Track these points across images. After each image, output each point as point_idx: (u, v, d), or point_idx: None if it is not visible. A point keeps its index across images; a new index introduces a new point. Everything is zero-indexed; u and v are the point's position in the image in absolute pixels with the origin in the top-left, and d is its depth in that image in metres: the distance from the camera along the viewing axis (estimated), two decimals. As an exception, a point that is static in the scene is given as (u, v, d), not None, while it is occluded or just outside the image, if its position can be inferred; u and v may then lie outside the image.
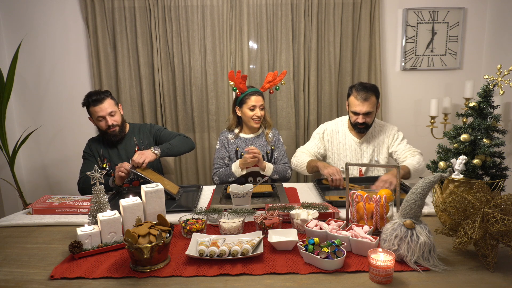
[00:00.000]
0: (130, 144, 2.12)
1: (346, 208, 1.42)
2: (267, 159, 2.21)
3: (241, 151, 2.19)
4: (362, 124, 2.03)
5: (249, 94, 2.13)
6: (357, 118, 2.03)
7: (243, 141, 2.21)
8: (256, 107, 2.13)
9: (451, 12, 2.94)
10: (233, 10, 2.85)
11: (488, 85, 1.37)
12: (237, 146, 2.20)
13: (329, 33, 2.89)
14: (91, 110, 1.99)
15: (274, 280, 1.08)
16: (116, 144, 2.09)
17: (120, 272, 1.14)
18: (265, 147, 2.21)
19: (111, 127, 2.00)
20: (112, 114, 2.00)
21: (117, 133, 2.04)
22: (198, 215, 1.48)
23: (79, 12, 2.85)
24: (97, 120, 2.01)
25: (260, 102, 2.14)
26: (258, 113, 2.14)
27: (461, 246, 1.12)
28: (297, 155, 2.20)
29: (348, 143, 2.14)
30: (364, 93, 1.97)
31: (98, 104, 1.97)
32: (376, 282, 1.05)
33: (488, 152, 1.34)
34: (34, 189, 3.10)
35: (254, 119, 2.14)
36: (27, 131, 2.88)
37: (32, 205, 1.66)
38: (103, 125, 2.01)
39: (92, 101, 1.97)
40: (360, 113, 2.00)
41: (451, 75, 3.06)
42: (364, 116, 2.01)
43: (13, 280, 1.11)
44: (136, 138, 2.14)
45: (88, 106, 2.00)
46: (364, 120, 2.01)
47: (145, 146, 2.13)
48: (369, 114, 2.01)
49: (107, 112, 1.98)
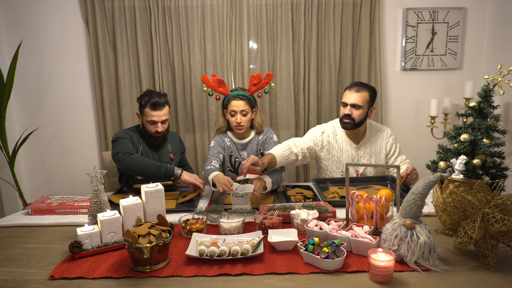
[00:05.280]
0: (166, 150, 2.12)
1: (346, 208, 1.42)
2: None
3: (235, 156, 2.07)
4: (347, 117, 1.95)
5: (230, 98, 1.97)
6: (344, 109, 1.97)
7: (236, 145, 2.09)
8: (236, 112, 1.95)
9: (451, 12, 2.94)
10: (233, 10, 2.85)
11: (488, 85, 1.37)
12: (231, 151, 2.08)
13: (329, 33, 2.89)
14: (146, 111, 1.93)
15: (274, 280, 1.08)
16: (157, 148, 2.07)
17: (120, 272, 1.14)
18: (256, 152, 2.09)
19: (158, 133, 1.98)
20: (164, 122, 1.97)
21: (160, 139, 2.03)
22: (198, 215, 1.48)
23: (79, 12, 2.85)
24: (148, 122, 1.96)
25: (242, 107, 1.94)
26: (238, 119, 1.95)
27: (461, 246, 1.12)
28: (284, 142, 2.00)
29: (345, 147, 2.08)
30: (358, 86, 1.96)
31: (157, 109, 1.92)
32: (376, 282, 1.05)
33: (488, 152, 1.34)
34: (34, 189, 3.10)
35: (235, 126, 1.98)
36: (27, 131, 2.88)
37: (31, 206, 1.65)
38: (152, 129, 1.97)
39: (152, 104, 1.90)
40: (347, 103, 1.95)
41: (451, 75, 3.06)
42: (351, 108, 1.94)
43: (13, 280, 1.11)
44: (171, 146, 2.15)
45: (144, 105, 1.93)
46: (350, 112, 1.93)
47: (176, 157, 2.17)
48: (356, 107, 1.93)
49: (161, 120, 1.94)
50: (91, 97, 2.99)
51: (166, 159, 2.12)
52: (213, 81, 1.97)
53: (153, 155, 2.07)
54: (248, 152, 2.09)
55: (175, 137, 2.23)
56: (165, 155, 2.12)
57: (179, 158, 2.23)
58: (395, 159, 2.10)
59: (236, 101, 1.95)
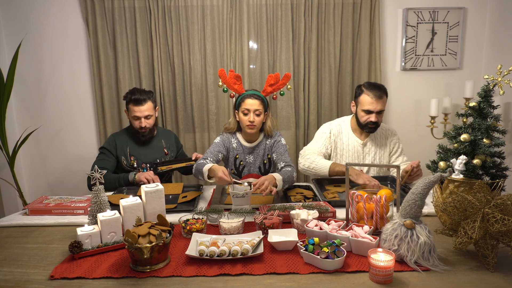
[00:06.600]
0: (158, 145, 2.23)
1: (346, 208, 1.42)
2: (264, 169, 2.07)
3: (240, 159, 2.04)
4: (373, 124, 2.00)
5: (245, 97, 1.93)
6: (369, 117, 1.99)
7: (243, 148, 2.04)
8: (250, 111, 1.91)
9: (451, 12, 2.94)
10: (233, 10, 2.85)
11: (488, 85, 1.37)
12: (237, 153, 2.04)
13: (329, 33, 2.89)
14: (130, 107, 2.09)
15: (274, 280, 1.08)
16: (144, 143, 2.19)
17: (120, 272, 1.14)
18: (262, 157, 2.06)
19: (142, 128, 2.10)
20: (148, 117, 2.11)
21: (146, 134, 2.15)
22: (198, 215, 1.48)
23: (79, 12, 2.85)
24: (132, 118, 2.11)
25: (256, 106, 1.91)
26: (252, 118, 1.91)
27: (461, 246, 1.12)
28: (309, 156, 2.03)
29: (351, 144, 2.12)
30: (378, 91, 1.96)
31: (137, 105, 2.07)
32: (376, 282, 1.05)
33: (488, 152, 1.34)
34: (34, 189, 3.10)
35: (248, 125, 1.94)
36: (27, 131, 2.88)
37: (28, 206, 1.65)
38: (137, 125, 2.11)
39: (133, 100, 2.07)
40: (374, 111, 1.97)
41: (451, 75, 3.06)
42: (377, 115, 1.98)
43: (13, 280, 1.11)
44: (164, 142, 2.26)
45: (128, 102, 2.10)
46: (377, 119, 1.99)
47: (171, 152, 2.28)
48: (381, 113, 2.00)
49: (143, 115, 2.08)
50: (91, 97, 2.99)
51: (158, 154, 2.21)
52: (230, 77, 1.94)
53: (142, 151, 2.17)
54: (254, 156, 2.04)
55: (169, 134, 2.35)
56: (157, 150, 2.22)
57: (175, 153, 2.33)
58: (397, 159, 2.12)
59: (251, 99, 1.92)
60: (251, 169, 2.06)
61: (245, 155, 2.04)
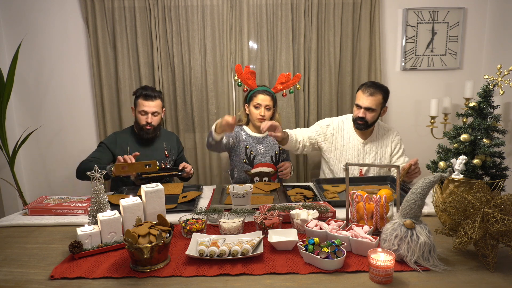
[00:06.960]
0: (159, 147, 2.22)
1: (346, 208, 1.42)
2: (275, 159, 2.23)
3: (250, 149, 2.20)
4: (361, 120, 2.02)
5: (257, 92, 2.13)
6: (358, 112, 2.02)
7: (252, 139, 2.22)
8: (261, 106, 2.12)
9: (451, 12, 2.94)
10: (233, 10, 2.85)
11: (488, 85, 1.37)
12: (247, 144, 2.20)
13: (329, 33, 2.89)
14: (139, 101, 2.09)
15: (274, 280, 1.08)
16: (146, 144, 2.18)
17: (120, 272, 1.14)
18: (273, 147, 2.23)
19: (148, 125, 2.10)
20: (155, 114, 2.12)
21: (150, 132, 2.13)
22: (198, 215, 1.48)
23: (79, 12, 2.85)
24: (139, 113, 2.10)
25: (267, 102, 2.12)
26: (263, 112, 2.12)
27: (461, 246, 1.12)
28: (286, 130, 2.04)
29: (352, 142, 2.12)
30: (372, 89, 1.98)
31: (148, 100, 2.08)
32: (376, 282, 1.05)
33: (488, 152, 1.34)
34: (34, 189, 3.10)
35: (258, 118, 2.13)
36: (27, 131, 2.88)
37: (29, 206, 1.65)
38: (143, 120, 2.10)
39: (144, 95, 2.08)
40: (362, 107, 1.99)
41: (451, 75, 3.06)
42: (364, 111, 1.99)
43: (13, 280, 1.11)
44: (166, 144, 2.25)
45: (138, 97, 2.10)
46: (364, 115, 2.00)
47: (172, 155, 2.26)
48: (370, 110, 1.99)
49: (151, 111, 2.09)
50: (91, 97, 2.99)
51: (158, 156, 2.19)
52: (245, 72, 2.10)
53: (143, 151, 2.13)
54: (265, 146, 2.22)
55: (171, 136, 2.33)
56: (158, 152, 2.20)
57: (176, 156, 2.30)
58: (398, 159, 2.12)
59: (263, 95, 2.12)
60: (263, 158, 2.22)
61: (256, 145, 2.19)
